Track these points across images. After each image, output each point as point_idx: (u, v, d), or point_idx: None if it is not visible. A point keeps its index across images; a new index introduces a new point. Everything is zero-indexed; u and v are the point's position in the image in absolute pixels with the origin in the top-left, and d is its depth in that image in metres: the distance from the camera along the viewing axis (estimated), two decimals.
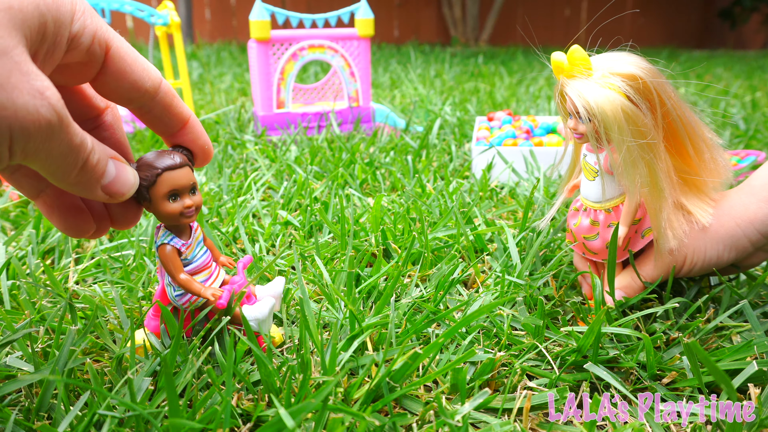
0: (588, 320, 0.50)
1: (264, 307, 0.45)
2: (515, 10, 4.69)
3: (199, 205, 0.42)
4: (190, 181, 0.41)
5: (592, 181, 0.50)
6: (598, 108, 0.44)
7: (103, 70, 0.33)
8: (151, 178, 0.39)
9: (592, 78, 0.45)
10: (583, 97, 0.44)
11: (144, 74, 0.34)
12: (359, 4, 1.20)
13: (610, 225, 0.50)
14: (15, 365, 0.43)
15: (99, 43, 0.32)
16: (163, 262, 0.43)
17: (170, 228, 0.43)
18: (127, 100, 0.35)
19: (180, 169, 0.40)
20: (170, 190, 0.40)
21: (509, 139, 1.00)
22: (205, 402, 0.38)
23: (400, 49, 3.60)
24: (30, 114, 0.26)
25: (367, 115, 1.30)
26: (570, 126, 0.48)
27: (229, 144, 1.13)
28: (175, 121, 0.38)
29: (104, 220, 0.39)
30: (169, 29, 1.20)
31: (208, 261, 0.45)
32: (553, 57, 0.46)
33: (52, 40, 0.29)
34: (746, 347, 0.44)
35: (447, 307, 0.54)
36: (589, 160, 0.50)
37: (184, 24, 3.66)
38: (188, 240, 0.43)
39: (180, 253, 0.43)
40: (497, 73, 2.46)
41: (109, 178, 0.34)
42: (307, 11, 4.25)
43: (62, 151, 0.29)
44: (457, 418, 0.37)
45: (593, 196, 0.51)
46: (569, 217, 0.54)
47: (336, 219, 0.75)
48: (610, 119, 0.44)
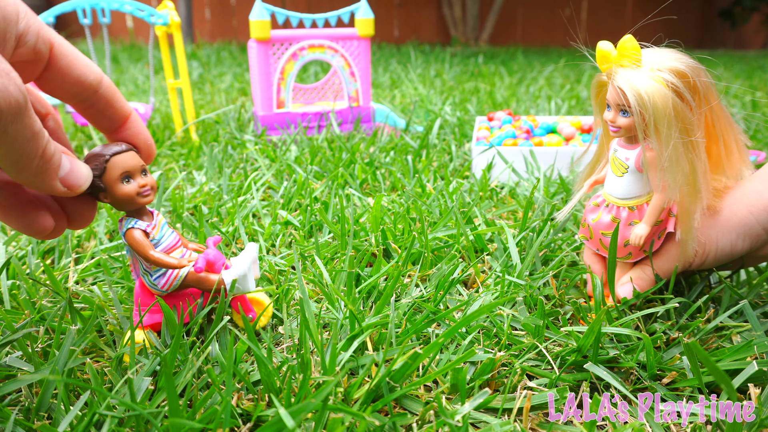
0: (588, 319, 0.50)
1: (242, 264, 0.46)
2: (515, 10, 4.69)
3: (154, 185, 0.43)
4: (139, 162, 0.42)
5: (620, 177, 0.49)
6: (650, 99, 0.43)
7: (48, 68, 0.35)
8: (101, 164, 0.40)
9: (642, 70, 0.44)
10: (634, 87, 0.43)
11: (86, 69, 0.36)
12: (359, 4, 1.20)
13: (632, 223, 0.49)
14: (15, 365, 0.43)
15: (43, 41, 0.33)
16: (133, 246, 0.44)
17: (132, 214, 0.44)
18: (71, 95, 0.37)
19: (127, 152, 0.41)
20: (122, 173, 0.41)
21: (509, 139, 1.00)
22: (205, 402, 0.38)
23: (400, 49, 3.60)
24: (1, 92, 0.27)
25: (367, 114, 1.30)
26: (608, 118, 0.47)
27: (229, 144, 1.13)
28: (117, 115, 0.40)
29: (60, 219, 0.40)
30: (169, 29, 1.20)
31: (177, 241, 0.46)
32: (600, 46, 0.46)
33: (1, 37, 0.30)
34: (746, 347, 0.44)
35: (447, 307, 0.54)
36: (619, 156, 0.49)
37: (184, 24, 3.66)
38: (152, 221, 0.45)
39: (147, 234, 0.44)
40: (497, 73, 2.46)
41: (65, 171, 0.35)
42: (307, 11, 4.25)
43: (26, 135, 0.30)
44: (457, 418, 0.37)
45: (619, 193, 0.50)
46: (587, 211, 0.53)
47: (336, 219, 0.75)
48: (660, 113, 0.43)
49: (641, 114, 0.44)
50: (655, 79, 0.43)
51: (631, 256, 0.51)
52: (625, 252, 0.50)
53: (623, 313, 0.51)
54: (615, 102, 0.46)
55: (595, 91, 0.50)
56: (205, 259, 0.45)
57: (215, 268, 0.47)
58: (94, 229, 0.70)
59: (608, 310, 0.47)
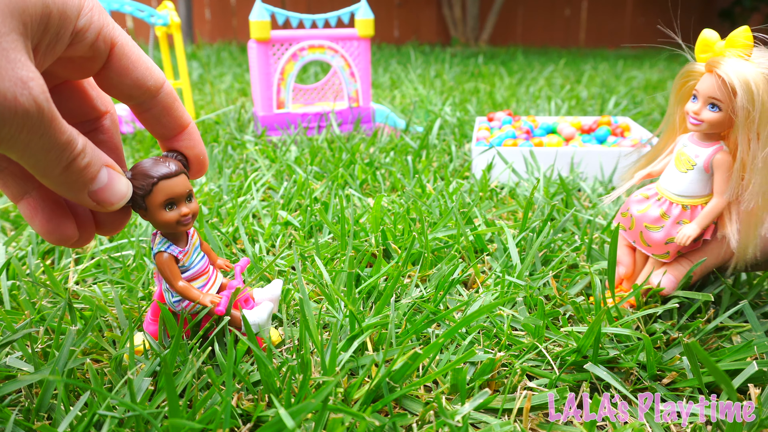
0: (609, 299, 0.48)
1: (263, 312, 0.45)
2: (515, 10, 4.69)
3: (196, 213, 0.42)
4: (186, 188, 0.40)
5: (684, 173, 0.48)
6: (758, 92, 0.41)
7: (107, 66, 0.34)
8: (147, 187, 0.38)
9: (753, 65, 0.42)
10: (744, 78, 0.41)
11: (147, 73, 0.35)
12: (359, 5, 1.20)
13: (680, 222, 0.48)
14: (15, 365, 0.43)
15: (104, 40, 0.32)
16: (160, 270, 0.42)
17: (167, 235, 0.43)
18: (127, 96, 0.35)
19: (176, 177, 0.39)
20: (166, 199, 0.39)
21: (509, 140, 1.00)
22: (205, 402, 0.38)
23: (400, 50, 3.60)
24: (6, 100, 0.27)
25: (367, 115, 1.30)
26: (691, 109, 0.45)
27: (229, 144, 1.13)
28: (174, 124, 0.38)
29: (89, 226, 0.39)
30: (169, 29, 1.20)
31: (206, 266, 0.45)
32: (704, 33, 0.44)
33: (55, 32, 0.29)
34: (746, 347, 0.44)
35: (447, 307, 0.54)
36: (688, 151, 0.47)
37: (184, 24, 3.66)
38: (185, 247, 0.43)
39: (177, 260, 0.43)
40: (497, 74, 2.46)
41: (100, 185, 0.34)
42: (307, 11, 4.25)
43: (43, 146, 0.29)
44: (457, 418, 0.37)
45: (678, 189, 0.48)
46: (633, 201, 0.52)
47: (336, 219, 0.75)
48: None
49: (746, 108, 0.42)
50: (765, 74, 0.41)
51: (668, 255, 0.50)
52: (663, 250, 0.49)
53: (623, 309, 0.51)
54: (707, 94, 0.44)
55: (680, 81, 0.47)
56: (228, 298, 0.44)
57: (238, 303, 0.46)
58: None
59: (608, 310, 0.47)
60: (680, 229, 0.48)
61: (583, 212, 0.76)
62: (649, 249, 0.51)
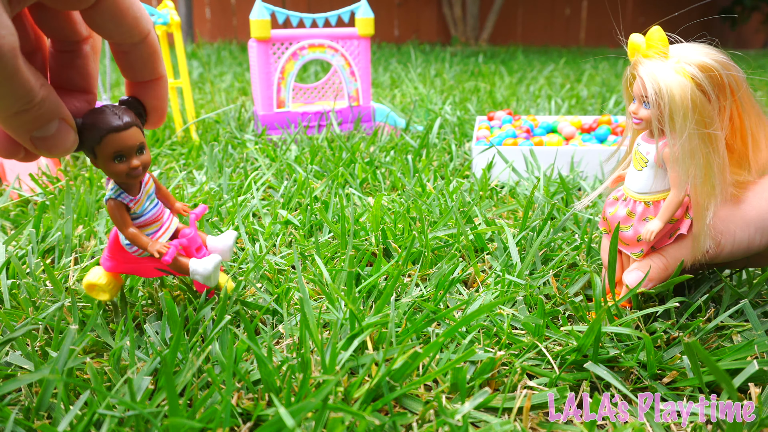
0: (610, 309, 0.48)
1: (209, 263, 0.46)
2: (515, 9, 4.69)
3: (147, 164, 0.42)
4: (137, 141, 0.41)
5: (640, 171, 0.49)
6: (667, 90, 0.43)
7: (96, 7, 0.34)
8: (96, 139, 0.39)
9: (667, 62, 0.44)
10: (654, 78, 0.44)
11: (134, 23, 0.35)
12: (359, 4, 1.20)
13: (646, 219, 0.49)
14: (15, 362, 0.43)
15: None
16: (111, 217, 0.43)
17: (119, 183, 0.43)
18: (109, 37, 0.36)
19: (126, 130, 0.40)
20: (115, 151, 0.40)
21: (509, 139, 1.00)
22: (205, 401, 0.38)
23: (400, 49, 3.60)
24: None
25: (368, 114, 1.30)
26: (631, 110, 0.48)
27: (230, 143, 1.13)
28: (147, 72, 0.39)
29: None
30: (169, 28, 1.20)
31: (159, 213, 0.46)
32: (632, 38, 0.46)
33: None
34: (747, 347, 0.44)
35: (447, 306, 0.54)
36: (641, 150, 0.49)
37: (184, 23, 3.66)
38: (137, 195, 0.44)
39: (128, 208, 0.43)
40: (497, 73, 2.46)
41: (45, 134, 0.34)
42: (308, 10, 4.24)
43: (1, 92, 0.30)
44: (457, 417, 0.37)
45: (637, 187, 0.50)
46: (607, 204, 0.53)
47: (336, 218, 0.75)
48: (677, 104, 0.43)
49: (657, 104, 0.44)
50: (677, 71, 0.43)
51: (642, 253, 0.50)
52: (637, 248, 0.50)
53: (623, 309, 0.51)
54: (638, 93, 0.46)
55: (626, 84, 0.49)
56: (176, 249, 0.45)
57: (190, 251, 0.47)
58: (94, 228, 0.70)
59: (608, 309, 0.47)
60: (645, 225, 0.49)
61: (583, 211, 0.76)
62: (626, 248, 0.52)
